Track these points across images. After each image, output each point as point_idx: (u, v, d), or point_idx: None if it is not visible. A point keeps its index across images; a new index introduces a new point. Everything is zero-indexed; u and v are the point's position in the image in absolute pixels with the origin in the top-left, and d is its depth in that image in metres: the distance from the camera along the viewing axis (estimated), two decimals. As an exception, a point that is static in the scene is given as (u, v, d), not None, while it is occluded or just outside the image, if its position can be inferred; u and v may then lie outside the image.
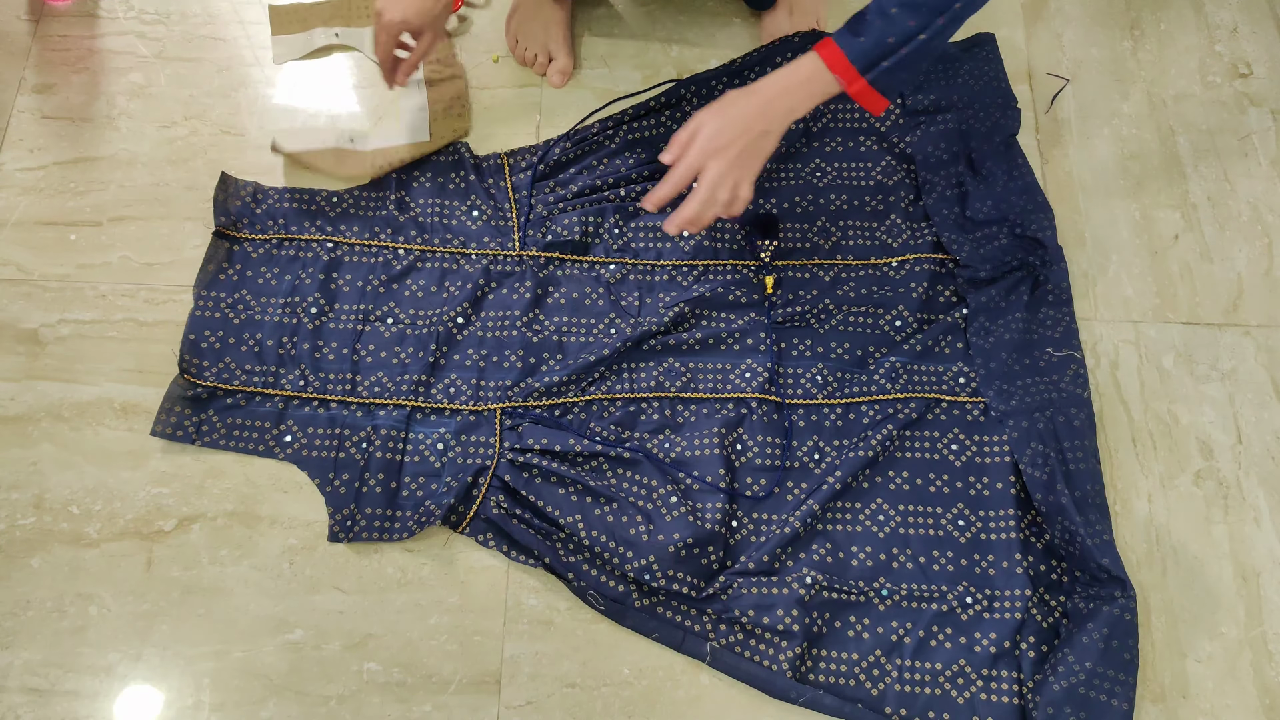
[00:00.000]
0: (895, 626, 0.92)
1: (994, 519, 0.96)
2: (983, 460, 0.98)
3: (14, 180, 1.10)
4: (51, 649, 0.91)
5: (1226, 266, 1.11)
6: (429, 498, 0.95)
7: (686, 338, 1.03)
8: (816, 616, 0.91)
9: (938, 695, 0.89)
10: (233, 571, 0.94)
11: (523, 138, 1.14)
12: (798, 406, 1.00)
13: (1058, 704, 0.86)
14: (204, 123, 1.14)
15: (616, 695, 0.91)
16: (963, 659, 0.90)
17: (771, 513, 0.96)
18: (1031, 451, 0.96)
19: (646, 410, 1.00)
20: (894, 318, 1.04)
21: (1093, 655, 0.86)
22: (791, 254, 1.07)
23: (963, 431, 0.99)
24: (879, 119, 1.13)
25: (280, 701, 0.89)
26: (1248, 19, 1.24)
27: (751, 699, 0.90)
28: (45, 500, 0.96)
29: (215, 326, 1.02)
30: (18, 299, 1.04)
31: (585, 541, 0.92)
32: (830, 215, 1.09)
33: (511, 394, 1.00)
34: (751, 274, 1.06)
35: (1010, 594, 0.92)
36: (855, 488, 0.97)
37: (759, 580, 0.92)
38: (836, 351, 1.03)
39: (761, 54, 1.13)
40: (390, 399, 0.99)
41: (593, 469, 0.96)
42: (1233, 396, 1.04)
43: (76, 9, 1.20)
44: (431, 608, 0.93)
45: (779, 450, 0.98)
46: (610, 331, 1.03)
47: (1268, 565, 0.97)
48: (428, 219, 1.08)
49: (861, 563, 0.94)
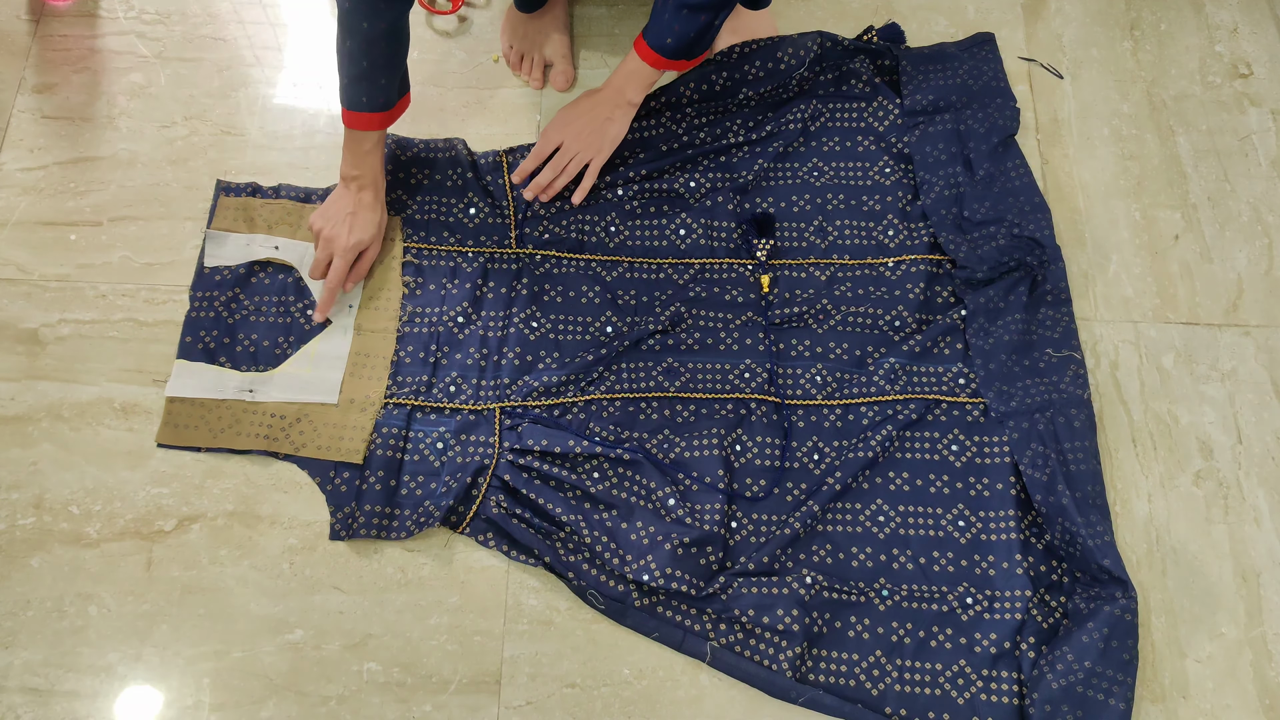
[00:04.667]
0: (895, 627, 0.92)
1: (994, 520, 0.96)
2: (983, 461, 0.98)
3: (14, 180, 1.10)
4: (51, 649, 0.91)
5: (1226, 266, 1.11)
6: (428, 497, 0.95)
7: (685, 338, 1.03)
8: (817, 617, 0.91)
9: (938, 695, 0.89)
10: (233, 571, 0.94)
11: (523, 137, 1.14)
12: (797, 407, 1.01)
13: (1055, 702, 0.86)
14: (204, 123, 1.14)
15: (616, 695, 0.91)
16: (963, 659, 0.90)
17: (771, 513, 0.96)
18: (1031, 452, 0.96)
19: (646, 410, 1.00)
20: (893, 318, 1.04)
21: (1092, 654, 0.87)
22: (787, 253, 1.08)
23: (962, 432, 0.99)
24: (877, 119, 1.14)
25: (280, 701, 0.89)
26: (1248, 19, 1.24)
27: (751, 699, 0.90)
28: (45, 500, 0.96)
29: (210, 326, 1.02)
30: (18, 299, 1.04)
31: (586, 541, 0.92)
32: (827, 214, 1.09)
33: (510, 393, 1.00)
34: (748, 273, 1.06)
35: (1010, 594, 0.92)
36: (855, 489, 0.97)
37: (759, 580, 0.92)
38: (835, 352, 1.03)
39: (759, 49, 1.13)
40: (391, 398, 0.99)
41: (592, 470, 0.96)
42: (1233, 396, 1.04)
43: (76, 9, 1.20)
44: (431, 608, 0.93)
45: (778, 451, 0.98)
46: (607, 330, 1.03)
47: (1268, 565, 0.97)
48: (425, 216, 1.08)
49: (862, 563, 0.94)
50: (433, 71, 1.18)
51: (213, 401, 0.99)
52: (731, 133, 1.12)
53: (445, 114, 1.15)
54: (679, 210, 1.09)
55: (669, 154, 1.11)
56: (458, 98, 1.16)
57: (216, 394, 0.99)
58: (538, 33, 1.16)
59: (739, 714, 0.90)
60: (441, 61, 1.18)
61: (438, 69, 1.18)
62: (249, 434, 0.97)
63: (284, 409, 0.98)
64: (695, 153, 1.11)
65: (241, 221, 1.06)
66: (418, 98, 1.14)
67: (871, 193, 1.10)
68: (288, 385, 0.99)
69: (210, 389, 0.99)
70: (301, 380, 1.00)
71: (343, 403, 0.98)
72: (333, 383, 1.00)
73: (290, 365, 1.00)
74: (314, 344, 1.01)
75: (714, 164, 1.12)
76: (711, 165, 1.11)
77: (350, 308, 1.03)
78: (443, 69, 1.18)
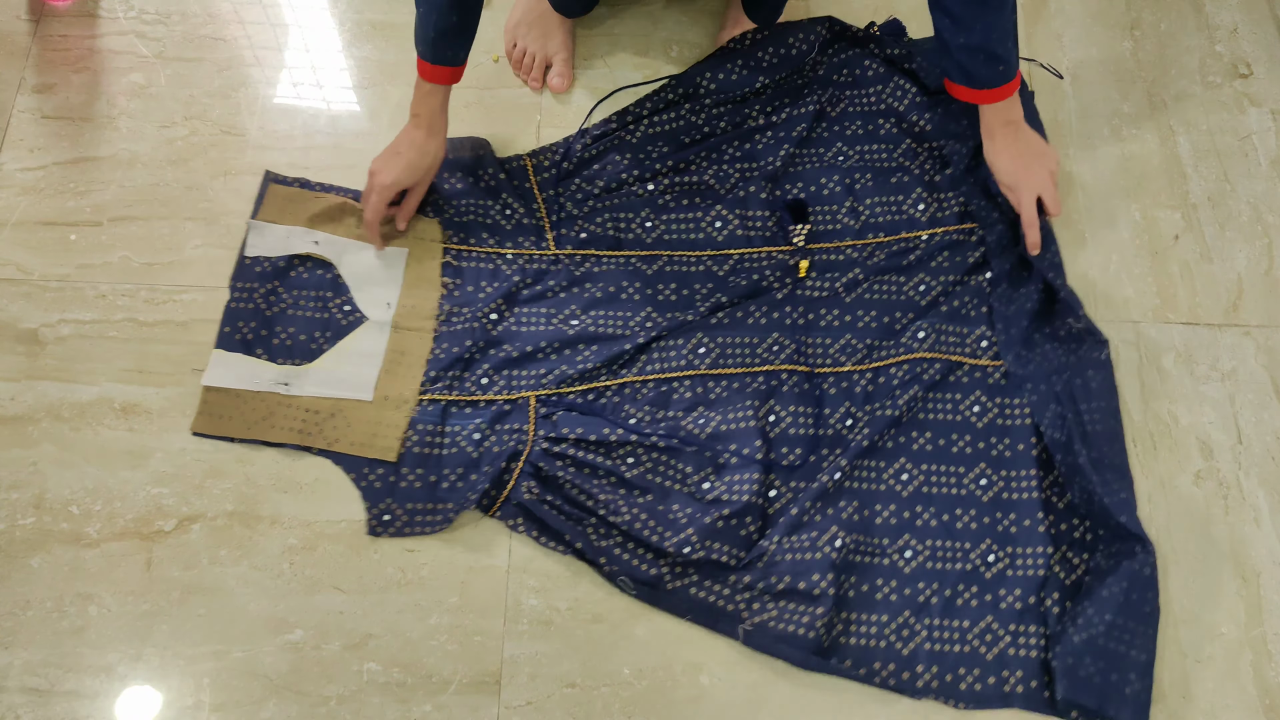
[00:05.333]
0: (922, 588, 0.93)
1: (1016, 479, 0.97)
2: (1005, 422, 0.99)
3: (14, 180, 1.10)
4: (51, 649, 0.91)
5: (1226, 266, 1.11)
6: (469, 489, 0.96)
7: (715, 317, 1.05)
8: (845, 580, 0.92)
9: (967, 652, 0.91)
10: (233, 571, 0.94)
11: (524, 137, 1.15)
12: (828, 374, 1.02)
13: (1078, 654, 0.87)
14: (204, 123, 1.14)
15: (616, 695, 0.91)
16: (990, 616, 0.92)
17: (807, 480, 0.97)
18: (1051, 413, 0.97)
19: (679, 389, 1.01)
20: (918, 283, 1.06)
21: (1112, 608, 0.88)
22: (823, 236, 1.09)
23: (984, 394, 1.01)
24: (896, 99, 1.15)
25: (280, 701, 0.89)
26: (1248, 19, 1.24)
27: (751, 699, 0.90)
28: (45, 500, 0.96)
29: (249, 318, 1.03)
30: (18, 299, 1.04)
31: (621, 523, 0.93)
32: (857, 195, 1.11)
33: (545, 382, 1.00)
34: (786, 258, 1.07)
35: (1033, 551, 0.93)
36: (880, 447, 0.99)
37: (793, 545, 0.93)
38: (864, 320, 1.04)
39: (770, 36, 1.15)
40: (425, 394, 0.99)
41: (626, 456, 0.97)
42: (1233, 396, 1.04)
43: (76, 9, 1.20)
44: (431, 608, 0.93)
45: (812, 419, 1.00)
46: (646, 324, 1.04)
47: (1268, 565, 0.97)
48: (463, 218, 1.08)
49: (885, 520, 0.96)
50: (433, 71, 1.18)
51: (249, 393, 0.99)
52: (750, 119, 1.14)
53: (445, 114, 1.15)
54: (712, 202, 1.10)
55: (691, 145, 1.12)
56: (458, 98, 1.16)
57: (252, 385, 0.99)
58: (547, 34, 1.16)
59: (739, 714, 0.90)
60: (441, 61, 1.18)
61: (438, 69, 1.18)
62: (283, 427, 0.98)
63: (318, 404, 0.99)
64: (717, 141, 1.12)
65: (285, 214, 1.07)
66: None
67: (898, 170, 1.12)
68: (323, 380, 1.00)
69: (246, 380, 0.99)
70: (337, 376, 1.00)
71: (377, 399, 0.99)
72: (368, 379, 1.00)
73: (326, 360, 1.01)
74: (350, 340, 1.02)
75: (739, 153, 1.13)
76: (737, 155, 1.12)
77: (388, 305, 1.04)
78: (443, 69, 1.18)
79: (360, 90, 1.17)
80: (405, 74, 1.17)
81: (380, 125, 1.15)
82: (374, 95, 1.17)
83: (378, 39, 1.20)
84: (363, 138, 1.14)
